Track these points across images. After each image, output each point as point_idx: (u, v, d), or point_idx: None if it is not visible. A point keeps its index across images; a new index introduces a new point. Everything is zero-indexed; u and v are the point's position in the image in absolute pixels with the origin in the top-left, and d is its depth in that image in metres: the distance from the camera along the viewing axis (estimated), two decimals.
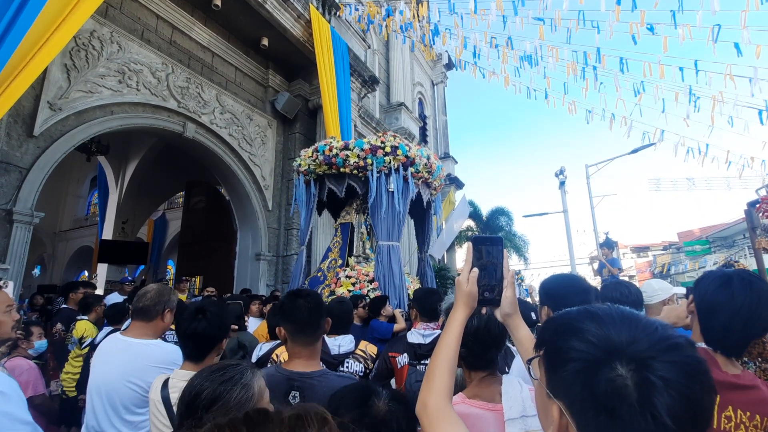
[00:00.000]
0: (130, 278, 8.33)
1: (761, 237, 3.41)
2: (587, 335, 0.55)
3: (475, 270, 0.96)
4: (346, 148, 5.06)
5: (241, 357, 2.41)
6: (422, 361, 2.27)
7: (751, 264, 4.75)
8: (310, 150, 5.41)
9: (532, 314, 2.44)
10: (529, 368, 0.81)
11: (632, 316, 0.57)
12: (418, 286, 5.56)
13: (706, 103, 7.50)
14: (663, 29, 6.38)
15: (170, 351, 1.83)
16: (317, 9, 8.11)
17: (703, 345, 1.11)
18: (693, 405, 0.50)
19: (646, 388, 0.49)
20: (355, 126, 8.98)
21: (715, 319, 1.09)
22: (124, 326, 2.85)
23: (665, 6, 5.94)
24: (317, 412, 0.48)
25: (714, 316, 1.09)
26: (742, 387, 1.02)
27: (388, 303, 3.93)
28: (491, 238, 0.98)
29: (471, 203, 15.40)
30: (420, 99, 16.33)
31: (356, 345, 2.48)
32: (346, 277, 4.97)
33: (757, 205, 3.57)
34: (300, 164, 5.49)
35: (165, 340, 2.10)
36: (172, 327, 1.91)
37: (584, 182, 13.39)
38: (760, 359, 1.42)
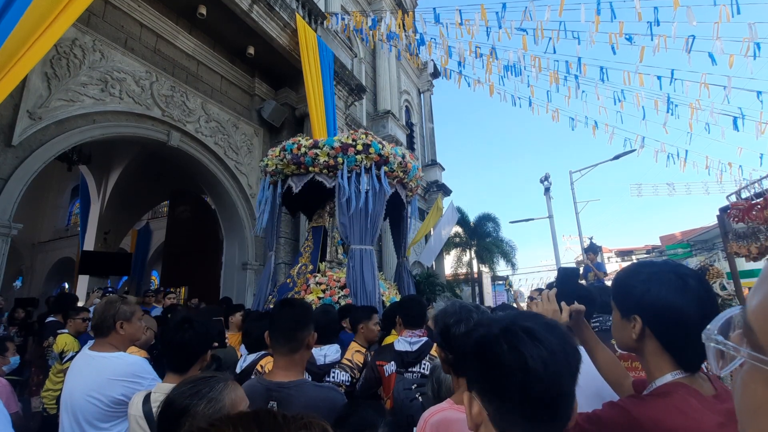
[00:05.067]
0: (110, 289, 8.13)
1: (733, 241, 3.51)
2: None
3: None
4: (315, 146, 4.74)
5: (215, 369, 2.37)
6: (409, 369, 2.26)
7: (724, 267, 4.89)
8: (277, 149, 5.03)
9: None
10: None
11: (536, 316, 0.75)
12: (395, 292, 5.29)
13: (684, 110, 7.74)
14: (640, 39, 6.58)
15: (132, 363, 1.81)
16: (303, 18, 8.15)
17: (679, 378, 0.85)
18: (554, 354, 0.64)
19: (512, 338, 0.66)
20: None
21: (692, 333, 0.81)
22: None
23: (642, 17, 6.13)
24: (320, 423, 0.47)
25: (690, 333, 0.82)
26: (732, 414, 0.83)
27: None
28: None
29: (459, 210, 15.50)
30: (407, 107, 16.46)
31: (342, 354, 2.47)
32: (317, 283, 4.67)
33: (728, 211, 3.67)
34: (267, 164, 5.09)
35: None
36: None
37: (569, 188, 13.65)
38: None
